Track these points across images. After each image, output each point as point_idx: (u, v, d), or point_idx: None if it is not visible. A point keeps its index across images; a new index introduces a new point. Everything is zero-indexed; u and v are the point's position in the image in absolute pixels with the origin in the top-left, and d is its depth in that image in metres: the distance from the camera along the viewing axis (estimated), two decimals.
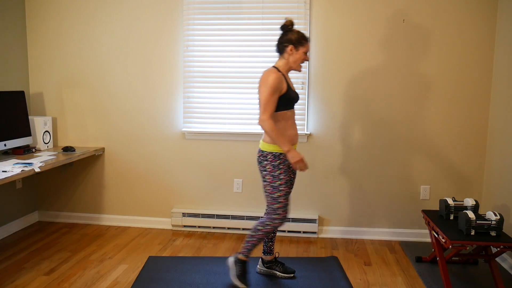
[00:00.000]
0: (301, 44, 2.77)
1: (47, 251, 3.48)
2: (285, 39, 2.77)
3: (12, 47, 3.86)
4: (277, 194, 2.77)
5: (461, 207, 3.05)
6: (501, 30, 3.49)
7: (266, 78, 2.68)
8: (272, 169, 2.76)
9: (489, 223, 2.73)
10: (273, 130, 2.65)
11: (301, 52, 2.77)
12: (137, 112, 4.00)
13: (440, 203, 3.11)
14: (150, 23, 3.89)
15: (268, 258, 3.08)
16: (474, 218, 2.73)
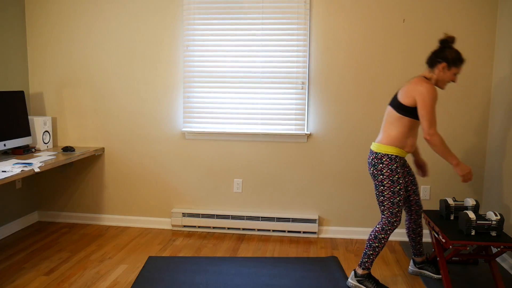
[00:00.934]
0: (455, 65, 2.70)
1: (47, 251, 3.48)
2: (442, 55, 2.71)
3: (12, 47, 3.86)
4: (398, 198, 2.77)
5: (461, 207, 3.05)
6: (501, 30, 3.49)
7: (425, 91, 2.63)
8: (390, 173, 2.74)
9: (489, 223, 2.73)
10: (443, 144, 2.65)
11: (452, 72, 2.71)
12: (137, 112, 4.00)
13: (440, 203, 3.11)
14: (150, 23, 3.89)
15: (419, 259, 3.08)
16: (475, 218, 2.73)
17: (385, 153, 2.76)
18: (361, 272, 2.87)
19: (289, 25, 3.73)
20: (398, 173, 2.76)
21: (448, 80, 2.74)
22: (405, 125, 2.74)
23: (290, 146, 3.85)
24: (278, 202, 3.93)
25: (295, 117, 3.80)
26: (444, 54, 2.70)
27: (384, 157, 2.75)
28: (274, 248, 3.62)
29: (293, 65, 3.75)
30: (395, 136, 2.76)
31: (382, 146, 2.77)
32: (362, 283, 2.86)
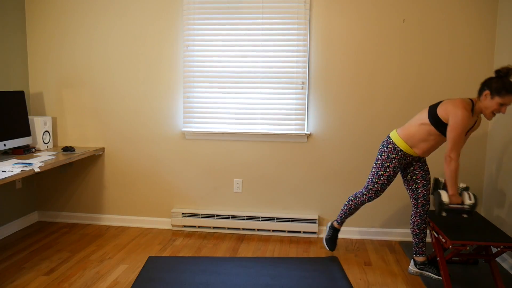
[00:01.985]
0: (499, 94, 2.68)
1: (47, 251, 3.48)
2: (488, 82, 2.73)
3: (12, 47, 3.86)
4: (376, 180, 3.10)
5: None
6: (501, 30, 3.49)
7: (461, 116, 2.70)
8: (385, 158, 3.03)
9: (461, 207, 2.77)
10: (455, 172, 2.74)
11: (496, 102, 2.70)
12: (137, 112, 4.00)
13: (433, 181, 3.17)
14: (150, 23, 3.89)
15: (421, 259, 3.08)
16: (447, 201, 2.79)
17: (394, 142, 3.00)
18: (334, 224, 3.38)
19: (289, 25, 3.73)
20: (392, 163, 3.02)
21: (492, 109, 2.72)
22: (427, 132, 2.90)
23: (290, 146, 3.85)
24: (278, 202, 3.93)
25: (295, 117, 3.80)
26: (489, 82, 2.73)
27: (391, 144, 3.01)
28: (274, 248, 3.62)
29: (293, 65, 3.75)
30: (411, 135, 2.95)
31: (397, 137, 3.00)
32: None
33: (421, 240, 3.08)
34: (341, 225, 3.39)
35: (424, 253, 3.09)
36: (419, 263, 3.09)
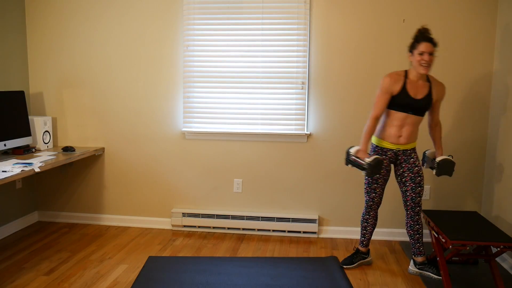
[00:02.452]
0: (414, 47, 2.87)
1: (47, 251, 3.48)
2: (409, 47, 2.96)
3: (12, 47, 3.86)
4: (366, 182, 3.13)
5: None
6: (501, 29, 3.49)
7: (381, 81, 2.97)
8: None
9: (360, 162, 2.89)
10: (367, 129, 2.97)
11: (416, 54, 2.86)
12: (137, 112, 4.00)
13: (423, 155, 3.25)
14: (150, 23, 3.89)
15: (420, 259, 3.09)
16: (353, 152, 2.93)
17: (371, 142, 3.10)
18: (419, 259, 3.14)
19: (289, 25, 3.73)
20: None
21: (417, 63, 2.87)
22: (386, 115, 3.02)
23: (290, 146, 3.85)
24: (278, 202, 3.93)
25: (295, 117, 3.80)
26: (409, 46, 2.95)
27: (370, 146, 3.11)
28: (274, 248, 3.62)
29: (293, 65, 3.76)
30: (379, 127, 3.07)
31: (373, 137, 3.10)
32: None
33: (416, 240, 3.09)
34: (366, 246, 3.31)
35: (422, 253, 3.09)
36: (419, 263, 3.10)
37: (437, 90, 2.94)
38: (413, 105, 2.91)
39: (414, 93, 2.91)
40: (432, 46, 2.83)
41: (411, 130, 2.98)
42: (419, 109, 2.93)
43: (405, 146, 3.02)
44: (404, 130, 2.98)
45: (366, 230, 3.24)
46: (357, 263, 3.25)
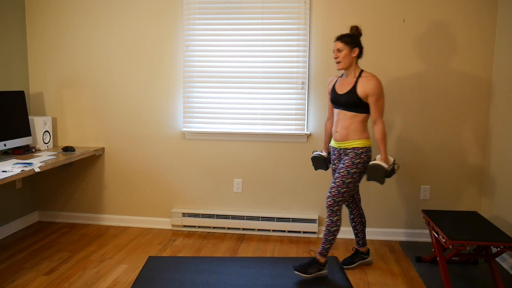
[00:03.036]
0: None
1: (47, 251, 3.48)
2: None
3: (12, 47, 3.86)
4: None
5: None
6: (501, 30, 3.49)
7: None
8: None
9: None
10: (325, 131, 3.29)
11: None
12: (137, 112, 4.00)
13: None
14: (150, 23, 3.89)
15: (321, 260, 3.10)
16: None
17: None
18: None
19: (289, 25, 3.73)
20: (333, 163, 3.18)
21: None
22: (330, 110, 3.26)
23: (290, 146, 3.85)
24: (278, 202, 3.93)
25: (295, 117, 3.80)
26: None
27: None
28: (274, 248, 3.62)
29: (293, 65, 3.75)
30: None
31: None
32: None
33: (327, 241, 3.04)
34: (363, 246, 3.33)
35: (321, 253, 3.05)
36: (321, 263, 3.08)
37: (363, 85, 2.89)
38: (337, 99, 3.00)
39: (340, 88, 3.00)
40: (340, 43, 2.93)
41: (344, 125, 2.97)
42: (343, 103, 2.96)
43: (343, 144, 2.99)
44: (339, 126, 3.01)
45: (357, 229, 3.26)
46: (357, 263, 3.25)
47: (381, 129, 2.92)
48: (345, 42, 2.92)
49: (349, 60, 2.94)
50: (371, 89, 2.87)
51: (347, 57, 2.93)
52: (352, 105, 2.93)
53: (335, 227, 2.97)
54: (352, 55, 2.94)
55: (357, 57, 2.97)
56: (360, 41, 2.97)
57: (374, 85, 2.87)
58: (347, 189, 2.95)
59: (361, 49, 2.97)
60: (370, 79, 2.89)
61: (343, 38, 2.94)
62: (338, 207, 2.96)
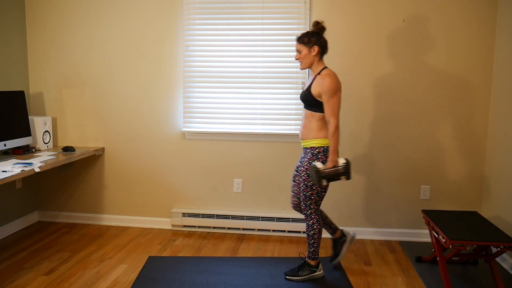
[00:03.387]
0: None
1: (47, 251, 3.48)
2: None
3: (12, 47, 3.86)
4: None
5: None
6: (502, 31, 3.49)
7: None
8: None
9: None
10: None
11: None
12: (137, 112, 4.00)
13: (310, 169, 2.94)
14: (150, 23, 3.89)
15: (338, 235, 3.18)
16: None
17: None
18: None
19: (289, 25, 3.73)
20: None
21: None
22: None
23: (290, 146, 3.85)
24: (278, 202, 3.93)
25: (295, 117, 3.80)
26: None
27: None
28: (274, 248, 3.62)
29: (293, 65, 3.75)
30: None
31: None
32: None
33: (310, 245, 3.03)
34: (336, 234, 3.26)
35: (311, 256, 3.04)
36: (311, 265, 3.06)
37: (316, 84, 2.85)
38: (300, 97, 3.00)
39: (304, 87, 3.01)
40: (298, 44, 2.91)
41: (304, 123, 2.94)
42: (302, 101, 2.95)
43: (303, 142, 2.95)
44: (301, 124, 3.00)
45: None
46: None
47: (331, 128, 2.79)
48: (302, 42, 2.88)
49: (309, 60, 2.90)
50: (323, 88, 2.79)
51: (307, 57, 2.89)
52: (309, 103, 2.89)
53: (312, 231, 2.95)
54: (312, 54, 2.88)
55: (321, 54, 2.92)
56: (321, 37, 2.89)
57: (326, 83, 2.79)
58: (313, 191, 2.91)
59: (322, 46, 2.89)
60: (324, 77, 2.81)
61: (301, 38, 2.89)
62: (310, 210, 2.94)
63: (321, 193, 2.93)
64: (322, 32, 2.91)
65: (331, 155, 2.80)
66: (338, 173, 2.80)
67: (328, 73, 2.84)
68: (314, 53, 2.88)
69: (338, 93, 2.81)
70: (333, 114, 2.79)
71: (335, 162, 2.80)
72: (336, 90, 2.79)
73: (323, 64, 2.93)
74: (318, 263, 3.04)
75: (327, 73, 2.84)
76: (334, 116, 2.79)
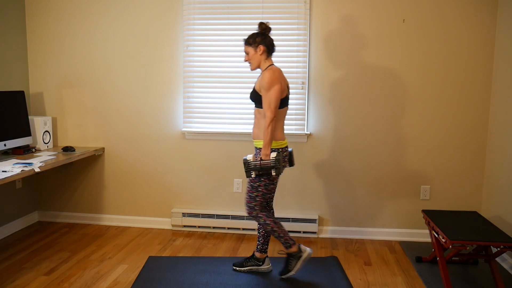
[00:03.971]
0: None
1: (47, 251, 3.48)
2: None
3: (12, 47, 3.86)
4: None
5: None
6: (501, 30, 3.49)
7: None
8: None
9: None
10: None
11: None
12: (137, 112, 4.00)
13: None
14: (150, 23, 3.89)
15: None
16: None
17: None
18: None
19: (289, 25, 3.73)
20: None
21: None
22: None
23: (290, 146, 3.85)
24: (278, 202, 3.93)
25: (295, 117, 3.80)
26: None
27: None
28: (274, 248, 3.62)
29: (293, 65, 3.75)
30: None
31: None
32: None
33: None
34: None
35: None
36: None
37: (258, 79, 2.89)
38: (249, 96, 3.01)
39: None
40: (245, 46, 2.93)
41: (255, 122, 2.95)
42: (251, 99, 2.95)
43: (254, 142, 2.95)
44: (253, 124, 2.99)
45: (259, 233, 3.11)
46: (247, 267, 3.12)
47: (267, 121, 2.77)
48: (248, 43, 2.91)
49: (256, 60, 2.91)
50: (261, 82, 2.81)
51: (254, 57, 2.91)
52: (255, 100, 2.91)
53: (269, 227, 2.93)
54: (258, 54, 2.89)
55: (267, 53, 2.91)
56: (266, 37, 2.90)
57: (263, 78, 2.80)
58: (258, 192, 2.90)
59: (267, 45, 2.89)
60: (263, 73, 2.84)
61: (246, 40, 2.92)
62: (256, 211, 2.94)
63: (266, 194, 2.93)
64: (266, 32, 2.92)
65: (264, 149, 2.79)
66: (268, 166, 2.79)
67: (269, 69, 2.85)
68: (260, 52, 2.89)
69: (275, 87, 2.79)
70: (269, 107, 2.78)
71: (267, 155, 2.80)
72: (272, 84, 2.79)
73: (270, 62, 2.94)
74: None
75: (268, 69, 2.86)
76: (270, 109, 2.78)
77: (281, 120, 2.92)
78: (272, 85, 2.78)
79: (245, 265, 3.13)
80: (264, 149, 2.79)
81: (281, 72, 2.87)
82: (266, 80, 2.79)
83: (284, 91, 2.85)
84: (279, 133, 2.89)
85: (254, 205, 2.93)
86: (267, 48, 2.90)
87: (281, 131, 2.91)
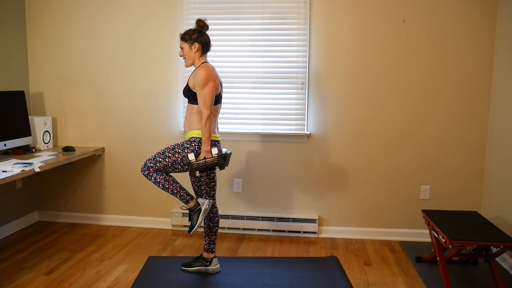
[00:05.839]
0: None
1: (47, 251, 3.48)
2: None
3: (12, 47, 3.86)
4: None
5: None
6: (501, 30, 3.49)
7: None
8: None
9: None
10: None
11: None
12: (137, 112, 4.00)
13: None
14: (150, 23, 3.89)
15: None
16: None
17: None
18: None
19: (289, 25, 3.73)
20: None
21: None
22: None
23: (290, 146, 3.85)
24: (278, 202, 3.93)
25: (295, 117, 3.80)
26: None
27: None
28: (274, 248, 3.62)
29: (293, 65, 3.76)
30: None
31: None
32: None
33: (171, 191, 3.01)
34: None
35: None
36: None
37: (192, 76, 2.90)
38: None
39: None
40: (181, 41, 2.93)
41: (186, 116, 2.97)
42: (184, 95, 2.97)
43: (186, 134, 2.97)
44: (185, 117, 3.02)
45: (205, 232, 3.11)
46: (195, 268, 3.12)
47: (203, 118, 2.79)
48: (183, 39, 2.92)
49: (190, 56, 2.92)
50: (195, 80, 2.83)
51: (188, 54, 2.92)
52: (187, 96, 2.93)
53: (160, 185, 2.90)
54: (193, 51, 2.90)
55: (202, 51, 2.92)
56: (202, 34, 2.90)
57: (197, 75, 2.82)
58: (164, 162, 2.89)
59: (203, 43, 2.90)
60: (196, 70, 2.86)
61: (182, 36, 2.92)
62: (148, 171, 2.91)
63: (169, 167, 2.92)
64: (203, 29, 2.93)
65: (204, 145, 2.81)
66: (213, 164, 2.81)
67: (202, 67, 2.87)
68: (194, 50, 2.90)
69: (209, 84, 2.81)
70: (205, 104, 2.81)
71: (207, 152, 2.82)
72: (206, 81, 2.80)
73: (204, 59, 2.95)
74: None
75: (201, 67, 2.87)
76: (206, 106, 2.80)
77: (215, 116, 2.96)
78: (206, 82, 2.81)
79: (193, 265, 3.12)
80: (204, 145, 2.82)
81: (214, 69, 2.91)
82: (201, 78, 2.81)
83: (217, 88, 2.89)
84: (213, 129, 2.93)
85: (151, 166, 2.91)
86: (202, 46, 2.92)
87: (214, 128, 2.95)
